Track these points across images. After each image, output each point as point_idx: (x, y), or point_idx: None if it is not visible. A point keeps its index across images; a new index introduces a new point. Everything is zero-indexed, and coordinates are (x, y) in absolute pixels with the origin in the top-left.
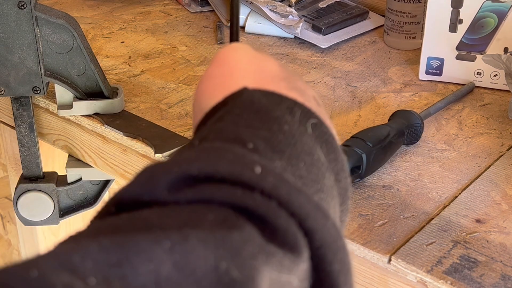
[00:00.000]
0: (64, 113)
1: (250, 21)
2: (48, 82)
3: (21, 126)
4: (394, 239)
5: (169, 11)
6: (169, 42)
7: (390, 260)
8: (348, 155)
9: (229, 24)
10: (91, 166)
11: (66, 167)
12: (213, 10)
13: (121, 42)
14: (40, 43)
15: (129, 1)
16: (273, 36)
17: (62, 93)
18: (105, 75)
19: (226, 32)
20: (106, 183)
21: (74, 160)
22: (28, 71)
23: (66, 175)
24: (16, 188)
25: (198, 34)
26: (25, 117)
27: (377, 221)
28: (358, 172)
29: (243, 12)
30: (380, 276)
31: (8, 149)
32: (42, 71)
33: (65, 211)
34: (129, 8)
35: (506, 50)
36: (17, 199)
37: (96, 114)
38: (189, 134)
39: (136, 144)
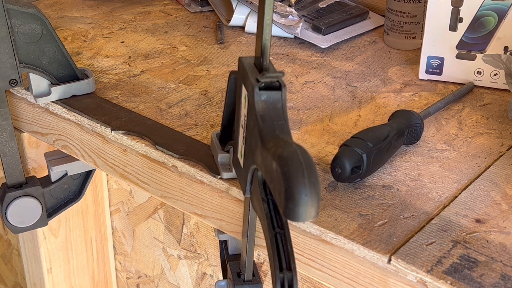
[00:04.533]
0: (42, 100)
1: (250, 21)
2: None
3: (2, 136)
4: (394, 239)
5: (169, 11)
6: (169, 42)
7: (390, 260)
8: (348, 155)
9: (229, 24)
10: (73, 160)
11: (50, 166)
12: (213, 10)
13: (121, 42)
14: (13, 35)
15: (129, 1)
16: (273, 36)
17: (38, 82)
18: (105, 75)
19: (226, 32)
20: (87, 174)
21: (55, 158)
22: (4, 65)
23: (47, 175)
24: (3, 198)
25: (198, 34)
26: (5, 126)
27: (377, 221)
28: (358, 172)
29: (243, 12)
30: (380, 276)
31: None
32: (17, 63)
33: (51, 211)
34: (129, 8)
35: (506, 49)
36: (6, 209)
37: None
38: (189, 133)
39: (136, 144)
